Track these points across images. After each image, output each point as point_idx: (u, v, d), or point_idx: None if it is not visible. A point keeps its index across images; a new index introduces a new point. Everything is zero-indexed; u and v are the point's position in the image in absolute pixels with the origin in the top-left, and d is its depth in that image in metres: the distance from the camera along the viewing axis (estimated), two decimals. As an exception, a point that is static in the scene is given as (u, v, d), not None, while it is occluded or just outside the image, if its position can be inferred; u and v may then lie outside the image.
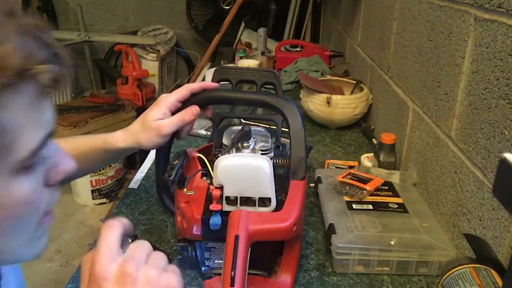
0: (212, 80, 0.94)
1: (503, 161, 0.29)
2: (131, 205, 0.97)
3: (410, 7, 1.09)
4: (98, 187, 2.60)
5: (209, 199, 0.68)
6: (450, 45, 0.85)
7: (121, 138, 0.81)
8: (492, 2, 0.69)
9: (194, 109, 0.79)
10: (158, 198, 0.93)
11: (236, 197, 0.67)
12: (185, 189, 0.71)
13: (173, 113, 0.79)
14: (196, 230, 0.68)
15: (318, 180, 0.99)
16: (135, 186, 1.04)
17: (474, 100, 0.75)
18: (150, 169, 1.11)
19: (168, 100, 0.78)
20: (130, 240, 0.49)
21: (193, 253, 0.73)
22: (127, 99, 2.92)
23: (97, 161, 0.85)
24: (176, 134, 0.80)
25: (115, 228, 0.47)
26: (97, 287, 0.43)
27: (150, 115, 0.78)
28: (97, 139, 0.83)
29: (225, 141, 0.82)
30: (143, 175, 1.09)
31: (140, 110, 2.85)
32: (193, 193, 0.70)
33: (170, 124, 0.77)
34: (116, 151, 0.82)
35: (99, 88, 3.78)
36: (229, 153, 0.74)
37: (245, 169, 0.66)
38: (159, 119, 0.78)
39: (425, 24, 0.98)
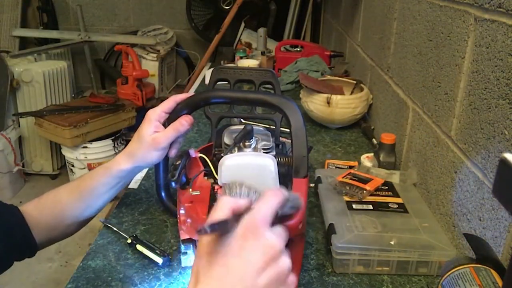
0: (210, 80, 0.94)
1: (503, 161, 0.29)
2: (131, 205, 0.97)
3: (410, 7, 1.09)
4: (98, 187, 2.60)
5: (213, 198, 0.68)
6: (450, 45, 0.85)
7: (121, 161, 0.80)
8: (492, 2, 0.69)
9: (187, 119, 0.78)
10: (158, 198, 0.93)
11: (241, 196, 0.67)
12: (190, 189, 0.71)
13: (163, 124, 0.79)
14: None
15: (318, 180, 0.99)
16: (135, 186, 1.04)
17: (474, 100, 0.75)
18: (150, 169, 1.11)
19: (155, 112, 0.79)
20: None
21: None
22: (127, 99, 2.92)
23: (106, 191, 0.82)
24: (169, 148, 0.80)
25: (278, 197, 0.51)
26: (243, 239, 0.47)
27: (144, 131, 0.78)
28: (98, 170, 0.82)
29: (227, 140, 0.82)
30: (143, 175, 1.09)
31: (140, 110, 2.86)
32: (198, 193, 0.70)
33: (165, 135, 0.77)
34: (120, 174, 0.80)
35: (99, 88, 3.78)
36: (232, 152, 0.74)
37: (250, 167, 0.66)
38: (154, 132, 0.78)
39: (425, 24, 0.98)
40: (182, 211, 0.71)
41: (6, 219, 0.75)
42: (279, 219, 0.52)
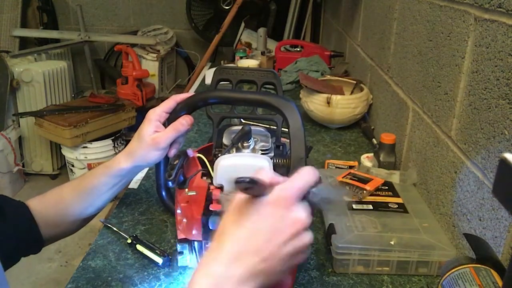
0: (212, 80, 0.94)
1: (503, 161, 0.29)
2: (131, 205, 0.97)
3: (410, 7, 1.09)
4: (98, 187, 2.60)
5: (209, 199, 0.68)
6: (450, 45, 0.85)
7: (122, 160, 0.80)
8: (492, 2, 0.69)
9: (187, 119, 0.78)
10: (158, 198, 0.93)
11: (236, 197, 0.66)
12: (186, 189, 0.71)
13: (164, 124, 0.79)
14: (196, 230, 0.68)
15: (318, 180, 0.99)
16: (135, 186, 1.04)
17: (474, 100, 0.75)
18: (150, 169, 1.11)
19: (155, 112, 0.79)
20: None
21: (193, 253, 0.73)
22: (127, 99, 2.92)
23: (106, 190, 0.82)
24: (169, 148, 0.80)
25: (312, 175, 0.53)
26: (274, 208, 0.50)
27: (144, 130, 0.78)
28: (99, 169, 0.82)
29: (225, 141, 0.82)
30: (143, 175, 1.09)
31: (140, 110, 2.86)
32: (195, 193, 0.70)
33: (165, 135, 0.77)
34: (120, 174, 0.80)
35: (99, 88, 3.78)
36: (229, 153, 0.74)
37: (245, 168, 0.66)
38: (154, 132, 0.78)
39: (425, 24, 0.98)
40: (178, 211, 0.71)
41: (16, 215, 0.76)
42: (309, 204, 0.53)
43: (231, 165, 0.67)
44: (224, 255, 0.48)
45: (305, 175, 0.52)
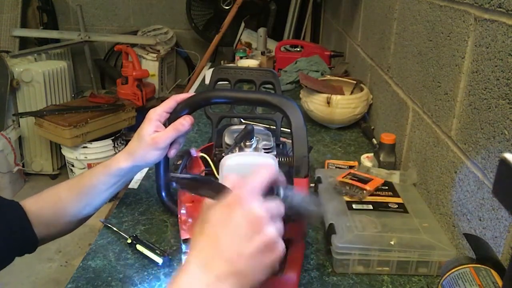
0: (211, 80, 0.94)
1: (503, 161, 0.29)
2: (131, 205, 0.97)
3: (410, 7, 1.09)
4: (98, 187, 2.60)
5: None
6: (450, 45, 0.85)
7: (121, 159, 0.80)
8: (492, 2, 0.69)
9: (187, 119, 0.78)
10: (158, 198, 0.93)
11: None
12: None
13: (164, 124, 0.79)
14: None
15: (318, 180, 0.99)
16: (135, 186, 1.04)
17: (474, 100, 0.75)
18: (150, 169, 1.11)
19: (156, 112, 0.79)
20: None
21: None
22: (127, 99, 2.92)
23: (105, 190, 0.82)
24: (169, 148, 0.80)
25: (268, 171, 0.54)
26: (228, 209, 0.49)
27: (144, 130, 0.78)
28: (98, 168, 0.82)
29: (227, 140, 0.82)
30: (143, 175, 1.09)
31: (140, 110, 2.86)
32: None
33: (165, 135, 0.77)
34: (119, 173, 0.80)
35: (99, 88, 3.78)
36: (232, 152, 0.74)
37: (251, 167, 0.66)
38: (154, 132, 0.78)
39: (425, 24, 0.98)
40: (183, 211, 0.71)
41: (8, 214, 0.75)
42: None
43: (237, 164, 0.67)
44: (192, 266, 0.48)
45: (261, 172, 0.53)
